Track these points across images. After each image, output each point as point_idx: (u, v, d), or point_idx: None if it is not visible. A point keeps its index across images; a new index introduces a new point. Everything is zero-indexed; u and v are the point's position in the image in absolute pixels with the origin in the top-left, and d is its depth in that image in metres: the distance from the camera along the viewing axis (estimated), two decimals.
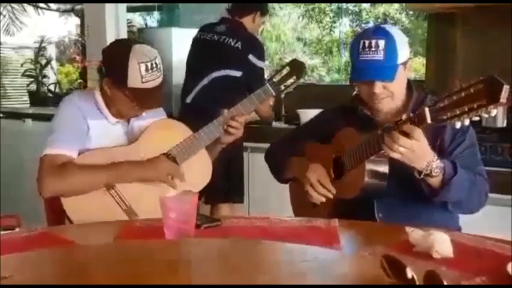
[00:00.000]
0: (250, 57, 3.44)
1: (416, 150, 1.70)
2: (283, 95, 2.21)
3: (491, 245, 1.49)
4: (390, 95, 1.93)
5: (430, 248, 1.38)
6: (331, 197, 2.00)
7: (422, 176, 1.77)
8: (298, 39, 13.39)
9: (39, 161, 2.04)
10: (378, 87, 1.89)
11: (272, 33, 12.63)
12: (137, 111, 2.13)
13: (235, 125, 2.16)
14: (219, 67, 3.45)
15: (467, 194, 1.85)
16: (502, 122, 3.24)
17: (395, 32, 1.92)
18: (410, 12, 9.93)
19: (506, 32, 3.39)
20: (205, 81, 3.47)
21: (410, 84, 2.01)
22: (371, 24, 12.34)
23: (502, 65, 3.16)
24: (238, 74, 3.42)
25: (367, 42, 1.88)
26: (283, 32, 12.94)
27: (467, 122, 1.53)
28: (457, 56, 3.50)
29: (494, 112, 1.48)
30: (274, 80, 2.16)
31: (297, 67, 2.17)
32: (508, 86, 1.43)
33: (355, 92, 2.15)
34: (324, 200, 2.01)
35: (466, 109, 1.49)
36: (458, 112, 1.52)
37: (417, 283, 1.10)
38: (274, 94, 2.16)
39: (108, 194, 2.05)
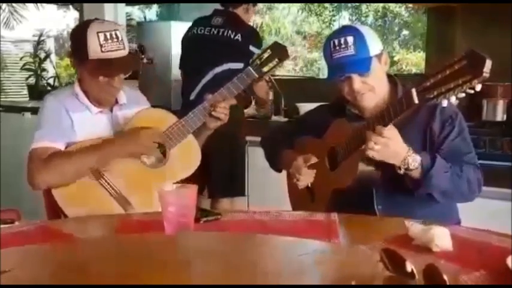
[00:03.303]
0: (251, 48, 3.45)
1: (390, 147, 1.76)
2: (266, 76, 2.23)
3: (491, 239, 1.49)
4: (371, 89, 1.95)
5: (430, 241, 1.38)
6: (310, 179, 2.07)
7: (402, 171, 1.81)
8: (298, 32, 13.40)
9: (28, 156, 2.06)
10: (357, 82, 1.93)
11: (271, 27, 12.64)
12: (108, 89, 2.12)
13: (220, 109, 2.18)
14: (221, 61, 3.45)
15: (451, 184, 1.86)
16: (501, 116, 3.24)
17: (362, 27, 1.96)
18: (410, 6, 9.94)
19: (506, 26, 3.39)
20: (208, 76, 3.47)
21: (395, 80, 2.03)
22: (371, 18, 12.36)
23: (502, 59, 3.16)
24: (240, 66, 3.42)
25: (336, 41, 1.92)
26: (283, 25, 12.95)
27: (453, 99, 1.55)
28: (456, 49, 3.50)
29: (478, 87, 1.50)
30: (256, 62, 2.19)
31: (278, 50, 2.20)
32: (490, 60, 1.46)
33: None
34: (306, 182, 2.08)
35: (452, 86, 1.52)
36: (444, 90, 1.54)
37: (416, 276, 1.10)
38: (257, 76, 2.19)
39: (98, 184, 2.05)
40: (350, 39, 1.91)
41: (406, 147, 1.80)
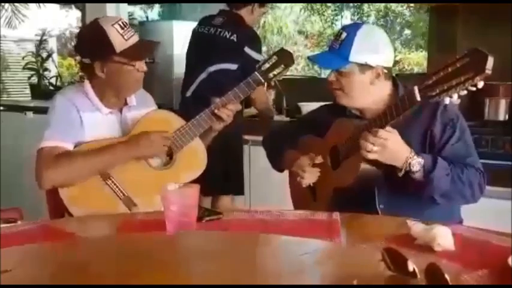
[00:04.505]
0: (246, 49, 3.43)
1: (388, 147, 1.76)
2: (272, 82, 2.25)
3: (493, 238, 1.49)
4: (341, 89, 1.97)
5: (432, 241, 1.38)
6: (314, 178, 2.07)
7: (402, 173, 1.81)
8: (300, 32, 13.40)
9: (36, 154, 2.06)
10: (331, 75, 1.98)
11: (274, 26, 12.65)
12: (138, 76, 2.14)
13: (227, 112, 2.19)
14: (215, 61, 3.45)
15: (452, 187, 1.85)
16: (503, 116, 3.24)
17: (366, 32, 1.95)
18: (412, 5, 9.92)
19: (508, 26, 3.38)
20: (203, 75, 3.48)
21: (396, 81, 2.02)
22: (372, 18, 12.36)
23: (504, 59, 3.15)
24: (234, 67, 3.42)
25: (340, 31, 1.97)
26: (285, 25, 12.95)
27: (455, 96, 1.55)
28: (458, 49, 3.49)
29: (481, 84, 1.50)
30: (263, 68, 2.20)
31: (284, 56, 2.22)
32: (492, 57, 1.46)
33: None
34: (311, 181, 2.08)
35: (454, 83, 1.52)
36: (446, 87, 1.54)
37: (418, 276, 1.10)
38: (263, 82, 2.21)
39: (105, 186, 2.06)
40: (343, 35, 1.93)
41: (408, 148, 1.79)
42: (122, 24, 2.08)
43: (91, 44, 2.13)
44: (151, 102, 2.36)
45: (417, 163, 1.79)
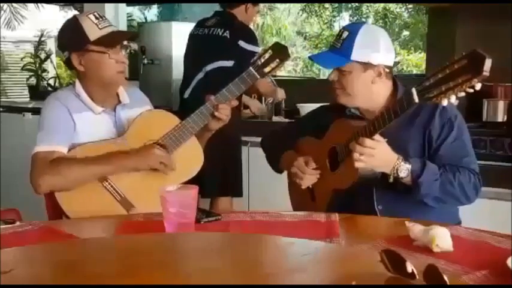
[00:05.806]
0: (240, 42, 3.46)
1: (376, 156, 1.77)
2: (267, 76, 2.21)
3: (491, 239, 1.49)
4: (342, 88, 1.98)
5: (430, 242, 1.38)
6: (314, 179, 2.07)
7: (391, 179, 1.83)
8: (298, 33, 13.40)
9: (31, 159, 2.04)
10: (333, 73, 1.99)
11: (272, 27, 12.65)
12: (118, 67, 2.12)
13: (222, 110, 2.16)
14: (211, 59, 3.48)
15: (442, 191, 1.85)
16: (502, 117, 3.24)
17: (368, 31, 1.95)
18: (410, 6, 9.93)
19: (507, 26, 3.39)
20: (200, 75, 3.50)
21: (396, 82, 2.03)
22: (371, 19, 12.37)
23: (503, 60, 3.16)
24: (230, 63, 3.43)
25: (341, 31, 1.99)
26: (284, 26, 12.95)
27: (453, 98, 1.56)
28: (457, 50, 3.50)
29: (478, 86, 1.50)
30: (257, 63, 2.18)
31: (279, 50, 2.18)
32: (490, 59, 1.46)
33: None
34: (310, 183, 2.08)
35: (452, 85, 1.53)
36: (444, 89, 1.55)
37: (417, 277, 1.10)
38: (258, 77, 2.17)
39: (102, 187, 2.05)
40: (345, 34, 1.94)
41: (395, 155, 1.81)
42: (96, 15, 2.10)
43: (67, 35, 2.15)
44: (145, 101, 2.35)
45: (405, 169, 1.81)
